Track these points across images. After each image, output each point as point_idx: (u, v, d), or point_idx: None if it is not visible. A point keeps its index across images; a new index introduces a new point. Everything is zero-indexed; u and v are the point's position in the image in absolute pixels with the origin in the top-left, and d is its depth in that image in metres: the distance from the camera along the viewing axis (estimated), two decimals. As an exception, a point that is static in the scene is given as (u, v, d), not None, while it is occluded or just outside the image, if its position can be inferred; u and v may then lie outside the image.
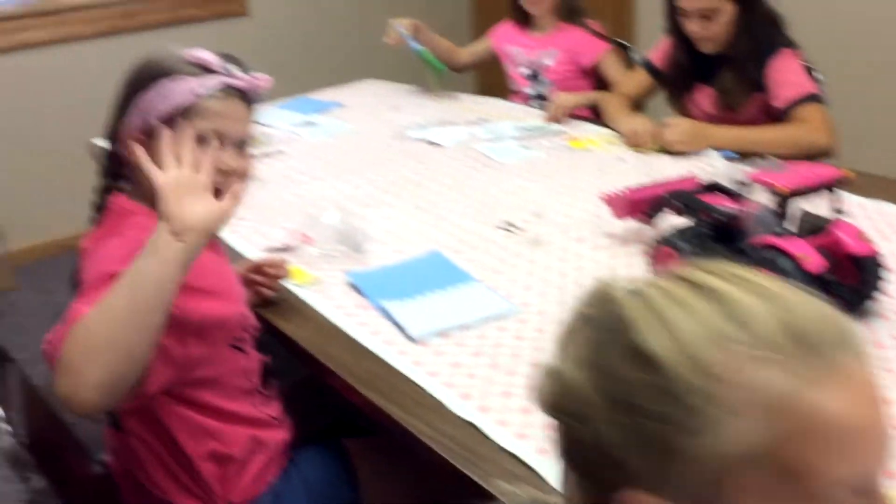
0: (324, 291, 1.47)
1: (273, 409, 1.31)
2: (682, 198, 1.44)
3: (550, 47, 2.50)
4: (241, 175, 1.20)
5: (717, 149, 1.98)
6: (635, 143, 2.05)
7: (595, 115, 2.35)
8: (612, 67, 2.45)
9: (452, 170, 2.02)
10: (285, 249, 1.63)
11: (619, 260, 1.51)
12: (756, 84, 2.01)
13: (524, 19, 2.57)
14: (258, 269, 1.44)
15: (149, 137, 1.14)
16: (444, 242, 1.63)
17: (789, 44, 2.00)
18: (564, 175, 1.94)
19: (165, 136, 1.08)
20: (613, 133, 2.17)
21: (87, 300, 0.99)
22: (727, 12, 1.95)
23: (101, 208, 1.22)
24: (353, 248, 1.60)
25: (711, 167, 1.91)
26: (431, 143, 2.21)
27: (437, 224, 1.72)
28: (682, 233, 1.38)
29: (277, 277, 1.44)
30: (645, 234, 1.58)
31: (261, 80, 1.23)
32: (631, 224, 1.59)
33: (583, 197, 1.80)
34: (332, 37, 4.10)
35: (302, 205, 1.85)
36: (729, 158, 1.95)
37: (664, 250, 1.37)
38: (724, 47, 2.01)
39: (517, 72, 2.60)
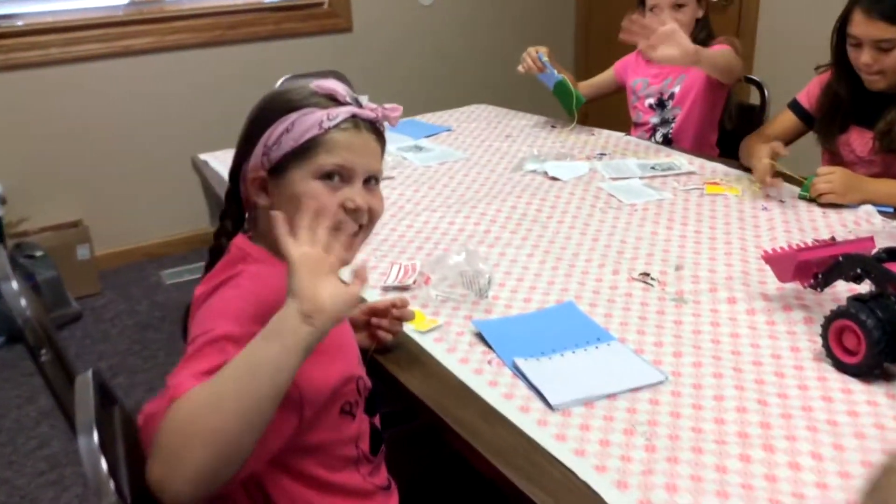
0: (446, 339, 1.34)
1: (381, 478, 1.18)
2: (861, 264, 1.26)
3: (680, 74, 2.34)
4: (370, 214, 1.08)
5: (874, 203, 1.78)
6: (763, 178, 1.88)
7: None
8: (726, 53, 2.21)
9: (575, 208, 1.88)
10: (403, 289, 1.51)
11: (780, 327, 1.34)
12: None
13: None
14: (377, 311, 1.31)
15: (273, 175, 1.05)
16: (574, 291, 1.49)
17: None
18: (701, 222, 1.77)
19: (306, 203, 0.97)
20: (752, 178, 2.00)
21: (192, 370, 0.88)
22: None
23: (217, 252, 1.12)
24: (477, 293, 1.47)
25: (868, 223, 1.72)
26: (550, 178, 2.07)
27: (565, 270, 1.57)
28: (863, 305, 1.20)
29: (401, 320, 1.32)
30: (807, 298, 1.40)
31: (392, 110, 1.11)
32: (786, 284, 1.41)
33: (726, 249, 1.63)
34: (438, 57, 4.01)
35: (417, 238, 1.73)
36: (886, 214, 1.76)
37: (843, 324, 1.20)
38: (893, 85, 1.83)
39: (642, 104, 2.44)
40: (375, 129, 1.09)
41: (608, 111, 2.69)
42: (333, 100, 1.06)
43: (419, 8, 3.89)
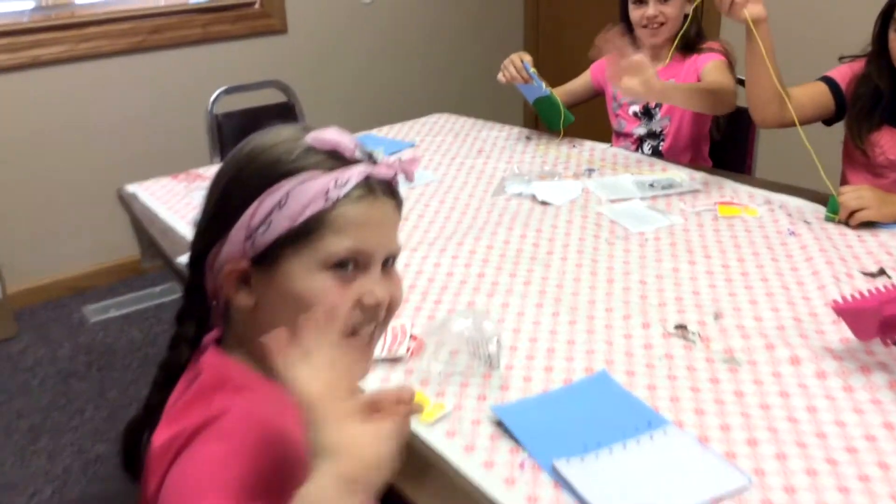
0: (460, 432, 1.07)
1: None
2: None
3: (668, 78, 2.10)
4: (389, 306, 0.81)
5: (912, 223, 1.58)
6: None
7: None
8: (714, 70, 2.01)
9: (577, 240, 1.62)
10: (393, 360, 1.22)
11: (861, 395, 1.10)
12: None
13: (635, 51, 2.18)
14: (380, 406, 1.02)
15: (260, 265, 0.77)
16: (602, 354, 1.22)
17: None
18: (725, 254, 1.53)
19: (315, 307, 0.70)
20: (772, 196, 1.77)
21: None
22: None
23: (175, 368, 0.81)
24: (486, 363, 1.19)
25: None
26: (539, 202, 1.81)
27: (585, 324, 1.31)
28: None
29: (406, 415, 1.03)
30: (879, 353, 1.17)
31: (410, 163, 0.83)
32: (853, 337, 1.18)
33: (765, 288, 1.40)
34: (383, 59, 3.71)
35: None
36: (928, 236, 1.55)
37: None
38: None
39: (625, 112, 2.20)
40: (392, 190, 0.81)
41: (584, 118, 2.43)
42: (338, 157, 0.77)
43: (359, 5, 3.58)
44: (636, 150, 2.18)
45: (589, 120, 2.39)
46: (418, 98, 3.69)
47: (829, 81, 1.81)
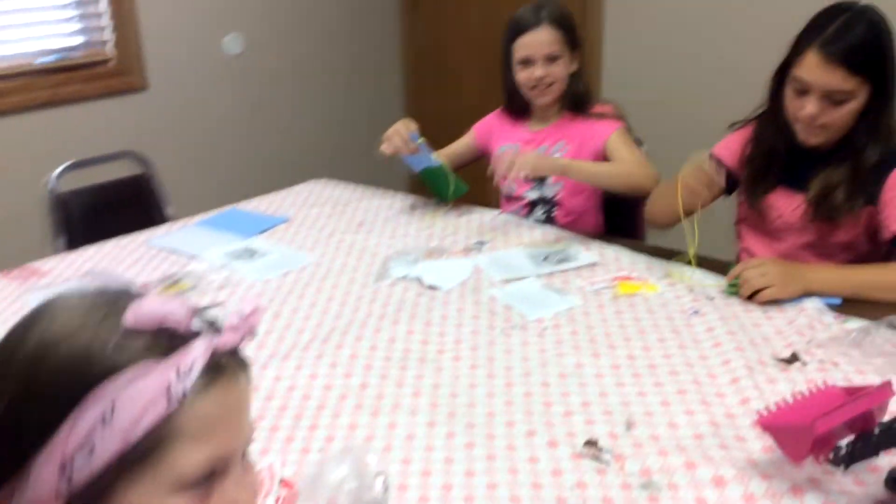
0: None
1: None
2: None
3: (558, 140, 2.00)
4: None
5: (817, 294, 1.50)
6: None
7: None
8: (620, 146, 1.94)
9: (470, 334, 1.46)
10: (260, 519, 1.02)
11: (795, 521, 0.98)
12: (869, 198, 1.56)
13: (521, 111, 2.07)
14: None
15: None
16: (507, 487, 1.06)
17: None
18: (630, 341, 1.41)
19: None
20: (667, 267, 1.67)
21: None
22: (860, 100, 1.50)
23: None
24: (372, 515, 1.01)
25: (821, 324, 1.43)
26: (427, 286, 1.65)
27: (484, 447, 1.14)
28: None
29: None
30: (810, 469, 1.05)
31: (255, 315, 0.65)
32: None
33: (675, 384, 1.27)
34: (254, 117, 3.49)
35: (268, 412, 1.24)
36: (833, 307, 1.48)
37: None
38: (834, 144, 1.57)
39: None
40: (240, 358, 0.64)
41: (469, 179, 2.30)
42: (170, 335, 0.58)
43: (226, 58, 3.36)
44: (527, 215, 2.06)
45: (475, 181, 2.25)
46: (292, 163, 3.49)
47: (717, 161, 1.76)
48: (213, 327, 0.62)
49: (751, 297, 1.51)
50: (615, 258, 1.75)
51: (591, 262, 1.72)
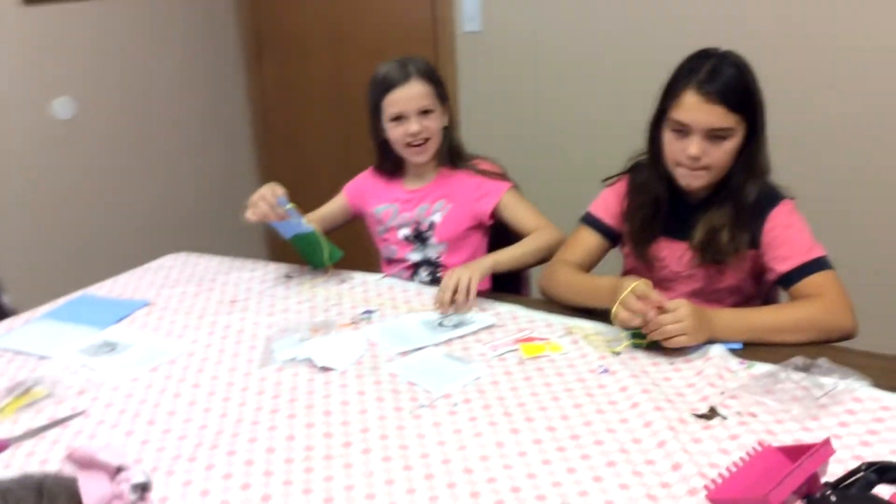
0: None
1: None
2: (860, 501, 0.90)
3: (439, 199, 1.93)
4: None
5: (722, 340, 1.50)
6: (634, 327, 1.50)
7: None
8: (518, 208, 1.92)
9: (378, 421, 1.34)
10: None
11: None
12: (752, 238, 1.60)
13: (395, 169, 1.99)
14: None
15: None
16: None
17: (786, 193, 1.61)
18: (548, 413, 1.34)
19: None
20: (565, 322, 1.63)
21: None
22: (738, 138, 1.53)
23: None
24: None
25: (729, 371, 1.42)
26: (320, 368, 1.51)
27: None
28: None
29: None
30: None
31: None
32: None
33: (603, 455, 1.21)
34: (92, 187, 3.21)
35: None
36: (736, 352, 1.48)
37: None
38: (713, 188, 1.60)
39: (394, 236, 1.99)
40: None
41: (344, 243, 2.19)
42: None
43: (55, 123, 3.07)
44: (411, 277, 1.98)
45: (350, 244, 2.14)
46: (144, 235, 3.25)
47: (592, 222, 1.78)
48: None
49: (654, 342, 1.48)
50: (512, 317, 1.69)
51: (489, 325, 1.65)
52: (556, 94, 3.02)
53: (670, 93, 1.57)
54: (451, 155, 1.94)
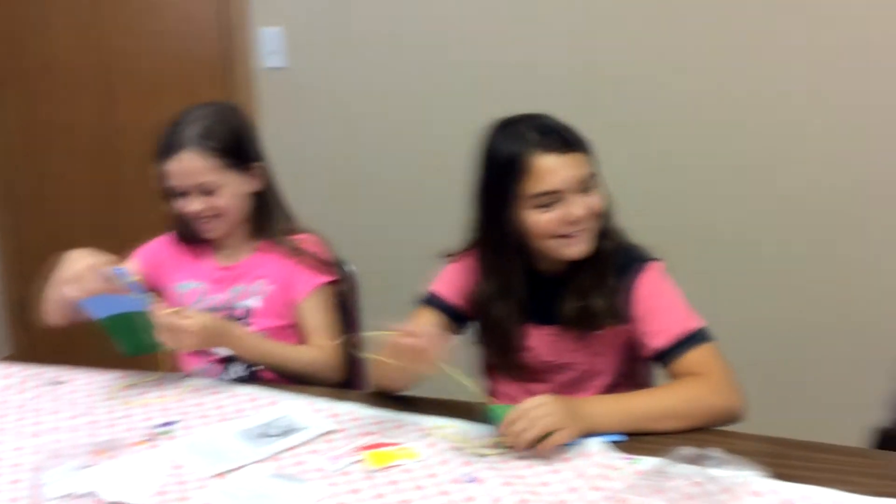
0: None
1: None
2: None
3: (258, 278, 1.81)
4: None
5: (600, 433, 1.47)
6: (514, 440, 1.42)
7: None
8: (315, 314, 1.83)
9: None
10: None
11: None
12: (620, 317, 1.61)
13: (200, 240, 1.84)
14: None
15: None
16: None
17: (653, 254, 1.64)
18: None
19: None
20: (420, 422, 1.55)
21: None
22: (598, 184, 1.57)
23: None
24: None
25: (614, 469, 1.39)
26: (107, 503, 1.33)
27: None
28: None
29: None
30: None
31: None
32: None
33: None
34: None
35: None
36: (618, 444, 1.46)
37: None
38: (568, 265, 1.61)
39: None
40: None
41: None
42: None
43: None
44: (222, 374, 1.82)
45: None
46: None
47: (435, 303, 1.72)
48: None
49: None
50: (352, 418, 1.57)
51: (325, 431, 1.53)
52: (373, 134, 2.98)
53: (510, 170, 1.54)
54: (267, 227, 1.83)
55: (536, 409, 1.42)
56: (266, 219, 1.83)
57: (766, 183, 2.65)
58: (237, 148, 1.79)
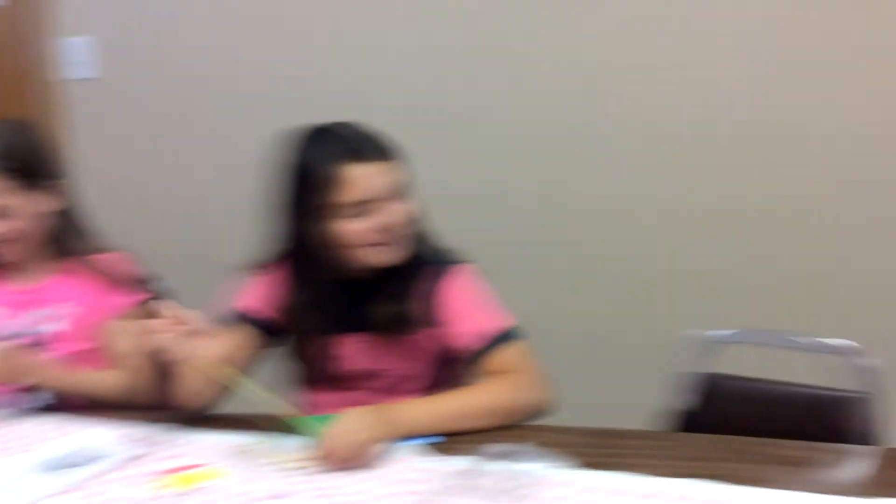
0: None
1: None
2: None
3: (64, 300, 1.74)
4: None
5: (416, 436, 1.49)
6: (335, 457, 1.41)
7: None
8: (125, 332, 1.77)
9: None
10: None
11: None
12: (430, 315, 1.63)
13: (-4, 263, 1.76)
14: None
15: None
16: None
17: (462, 257, 1.67)
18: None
19: None
20: (237, 441, 1.52)
21: None
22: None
23: None
24: None
25: (425, 472, 1.41)
26: None
27: None
28: None
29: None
30: None
31: None
32: None
33: None
34: None
35: None
36: (436, 444, 1.48)
37: None
38: (374, 272, 1.62)
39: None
40: None
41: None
42: None
43: None
44: (19, 406, 1.73)
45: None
46: None
47: (246, 319, 1.68)
48: None
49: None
50: (159, 441, 1.52)
51: (132, 456, 1.48)
52: (188, 146, 2.90)
53: (313, 184, 1.55)
54: (67, 247, 1.76)
55: (348, 425, 1.42)
56: (68, 239, 1.77)
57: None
58: (31, 167, 1.71)
